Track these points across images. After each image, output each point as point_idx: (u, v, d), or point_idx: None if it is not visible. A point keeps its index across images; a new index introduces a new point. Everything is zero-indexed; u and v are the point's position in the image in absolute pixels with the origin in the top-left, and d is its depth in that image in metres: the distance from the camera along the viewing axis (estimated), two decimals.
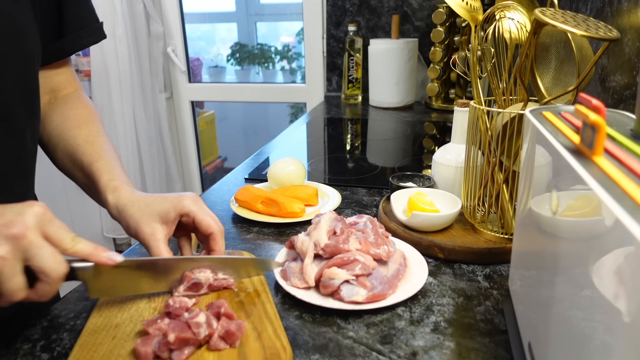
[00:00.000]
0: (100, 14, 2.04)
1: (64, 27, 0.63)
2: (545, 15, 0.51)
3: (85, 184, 0.62)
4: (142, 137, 2.02)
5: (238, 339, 0.46)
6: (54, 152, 0.64)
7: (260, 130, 3.96)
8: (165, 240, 0.54)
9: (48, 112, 0.65)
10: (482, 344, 0.49)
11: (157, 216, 0.54)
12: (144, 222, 0.54)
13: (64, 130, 0.63)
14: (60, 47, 0.64)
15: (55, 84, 0.67)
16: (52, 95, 0.67)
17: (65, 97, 0.67)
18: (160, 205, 0.55)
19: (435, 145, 1.26)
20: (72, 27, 0.64)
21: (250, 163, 1.10)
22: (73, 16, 0.64)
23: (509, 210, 0.65)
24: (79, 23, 0.65)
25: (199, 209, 0.56)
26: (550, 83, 0.64)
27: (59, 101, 0.66)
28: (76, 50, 0.66)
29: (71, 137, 0.62)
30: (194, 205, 0.55)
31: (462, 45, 1.56)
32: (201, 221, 0.55)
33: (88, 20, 0.66)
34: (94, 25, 0.67)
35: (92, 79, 1.91)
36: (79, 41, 0.65)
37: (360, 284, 0.54)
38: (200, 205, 0.56)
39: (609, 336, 0.24)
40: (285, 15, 3.71)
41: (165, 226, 0.55)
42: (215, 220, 0.56)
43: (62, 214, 1.84)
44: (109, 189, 0.57)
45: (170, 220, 0.55)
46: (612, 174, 0.27)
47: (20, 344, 0.50)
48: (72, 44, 0.65)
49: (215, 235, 0.56)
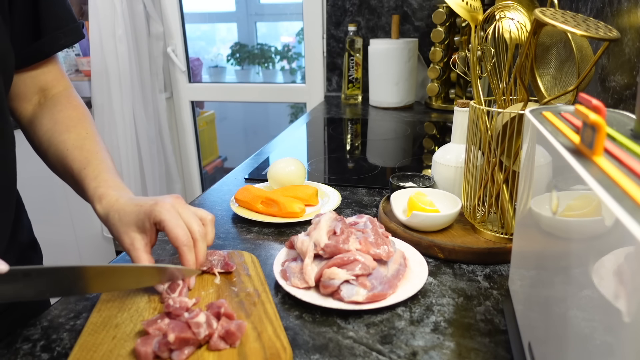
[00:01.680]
0: (100, 14, 2.04)
1: (41, 27, 0.62)
2: (545, 15, 0.51)
3: (76, 190, 0.62)
4: (142, 137, 2.02)
5: (238, 339, 0.46)
6: (45, 157, 0.64)
7: (260, 130, 3.96)
8: (145, 248, 0.54)
9: (38, 115, 0.65)
10: (482, 344, 0.49)
11: (134, 226, 0.54)
12: (122, 232, 0.54)
13: (53, 135, 0.63)
14: (39, 48, 0.64)
15: (44, 83, 0.67)
16: (42, 95, 0.67)
17: (55, 97, 0.67)
18: (136, 215, 0.54)
19: (435, 145, 1.26)
20: (50, 28, 0.63)
21: (250, 163, 1.10)
22: (50, 17, 0.63)
23: (509, 210, 0.65)
24: (56, 23, 0.64)
25: (171, 217, 0.53)
26: (550, 83, 0.64)
27: (48, 102, 0.66)
28: (55, 50, 0.66)
29: (60, 142, 0.62)
30: (167, 213, 0.53)
31: (462, 45, 1.56)
32: (168, 232, 0.53)
33: (66, 21, 0.65)
34: (72, 25, 0.66)
35: (92, 79, 1.91)
36: (57, 42, 0.65)
37: (360, 284, 0.54)
38: (175, 213, 0.54)
39: (609, 336, 0.24)
40: (285, 15, 3.71)
41: (144, 235, 0.54)
42: (185, 233, 0.53)
43: (62, 214, 1.84)
44: (95, 197, 0.57)
45: (147, 229, 0.54)
46: (612, 174, 0.27)
47: (20, 344, 0.50)
48: (51, 45, 0.65)
49: (181, 250, 0.53)
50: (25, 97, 0.65)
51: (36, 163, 0.68)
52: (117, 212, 0.55)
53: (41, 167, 0.68)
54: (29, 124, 0.65)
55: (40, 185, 1.64)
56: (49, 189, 1.71)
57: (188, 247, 0.53)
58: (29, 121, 0.65)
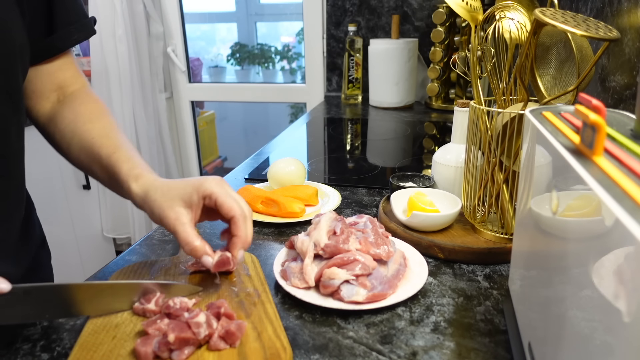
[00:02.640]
0: (100, 14, 2.04)
1: (54, 23, 0.62)
2: (545, 15, 0.51)
3: (105, 177, 0.61)
4: (142, 137, 2.02)
5: (238, 339, 0.46)
6: (68, 148, 0.63)
7: (260, 130, 3.96)
8: (191, 223, 0.53)
9: (59, 110, 0.65)
10: (482, 344, 0.49)
11: (181, 200, 0.53)
12: (167, 207, 0.53)
13: (77, 126, 0.62)
14: (52, 43, 0.64)
15: (61, 81, 0.67)
16: (60, 92, 0.67)
17: (74, 93, 0.67)
18: (182, 189, 0.54)
19: (435, 145, 1.26)
20: (63, 23, 0.63)
21: (250, 163, 1.10)
22: (63, 12, 0.63)
23: (509, 210, 0.65)
24: (69, 19, 0.64)
25: (222, 190, 0.54)
26: (550, 83, 0.64)
27: (67, 98, 0.66)
28: (68, 46, 0.66)
29: (85, 131, 0.61)
30: (217, 186, 0.54)
31: (462, 45, 1.56)
32: (223, 203, 0.53)
33: (78, 16, 0.65)
34: (84, 21, 0.66)
35: (92, 79, 1.91)
36: (70, 37, 0.65)
37: (360, 284, 0.54)
38: (224, 187, 0.55)
39: (609, 336, 0.24)
40: (285, 15, 3.71)
41: (190, 210, 0.54)
42: (239, 204, 0.54)
43: (62, 214, 1.84)
44: (131, 177, 0.56)
45: (194, 203, 0.54)
46: (612, 174, 0.27)
47: (20, 344, 0.50)
48: (64, 40, 0.64)
49: (237, 219, 0.54)
50: (43, 94, 0.65)
51: (36, 163, 0.68)
52: (158, 189, 0.54)
53: (41, 167, 0.68)
54: (49, 121, 0.65)
55: (41, 185, 1.64)
56: (49, 189, 1.71)
57: (243, 217, 0.54)
58: (49, 118, 0.65)
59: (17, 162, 0.59)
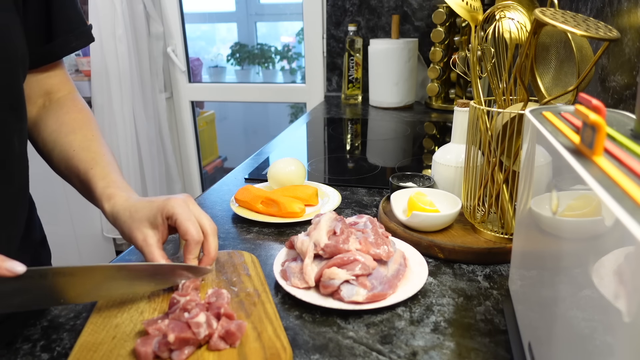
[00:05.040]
0: (100, 14, 2.04)
1: (52, 30, 0.63)
2: (545, 15, 0.51)
3: (82, 190, 0.62)
4: (142, 137, 2.01)
5: (238, 339, 0.46)
6: (50, 157, 0.64)
7: (260, 130, 3.96)
8: (157, 244, 0.55)
9: (43, 117, 0.65)
10: (482, 344, 0.49)
11: (147, 222, 0.55)
12: (135, 229, 0.55)
13: (59, 136, 0.63)
14: (50, 50, 0.64)
15: (49, 87, 0.67)
16: (47, 98, 0.67)
17: (60, 100, 0.67)
18: (149, 211, 0.55)
19: (435, 145, 1.26)
20: (61, 31, 0.64)
21: (250, 163, 1.10)
22: (62, 19, 0.63)
23: (509, 210, 0.65)
24: (68, 26, 0.65)
25: (182, 211, 0.54)
26: (550, 83, 0.64)
27: (53, 105, 0.66)
28: (66, 53, 0.66)
29: (66, 143, 0.62)
30: (179, 207, 0.55)
31: (462, 45, 1.56)
32: (179, 226, 0.54)
33: (77, 24, 0.66)
34: (82, 28, 0.67)
35: (92, 79, 1.91)
36: (68, 44, 0.65)
37: (360, 284, 0.54)
38: (188, 207, 0.56)
39: (609, 336, 0.24)
40: (285, 15, 3.71)
41: (156, 230, 0.55)
42: (196, 228, 0.55)
43: (62, 214, 1.84)
44: (104, 197, 0.58)
45: (159, 224, 0.55)
46: (612, 174, 0.27)
47: (20, 344, 0.50)
48: (62, 47, 0.65)
49: (188, 243, 0.54)
50: (30, 99, 0.65)
51: (35, 163, 0.68)
52: (127, 210, 0.56)
53: (40, 167, 0.68)
54: (33, 126, 0.66)
55: (40, 185, 1.63)
56: (49, 189, 1.71)
57: (196, 243, 0.55)
58: (33, 123, 0.66)
59: (19, 168, 0.59)
